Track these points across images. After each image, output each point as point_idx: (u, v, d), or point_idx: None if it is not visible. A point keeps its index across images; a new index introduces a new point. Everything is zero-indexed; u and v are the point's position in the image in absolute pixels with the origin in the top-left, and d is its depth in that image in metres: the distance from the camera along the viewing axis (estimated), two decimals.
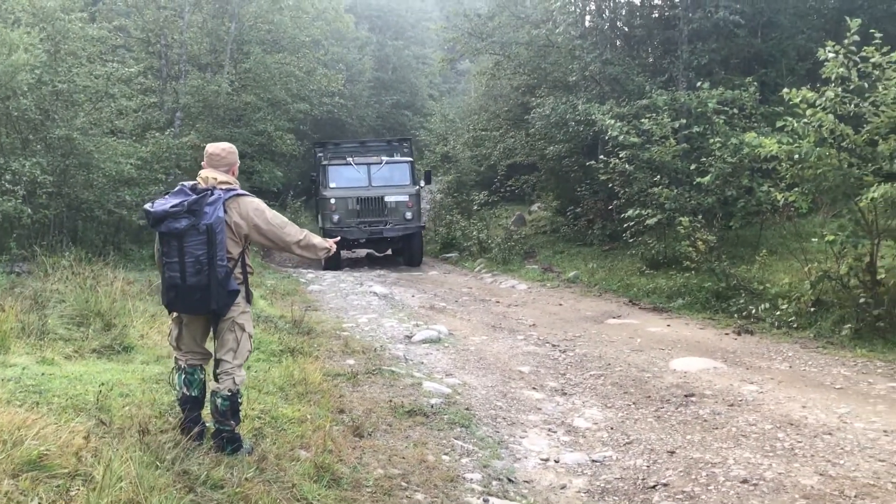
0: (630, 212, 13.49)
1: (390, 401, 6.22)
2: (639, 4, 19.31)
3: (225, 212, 4.27)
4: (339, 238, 5.17)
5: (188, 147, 15.13)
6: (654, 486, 4.71)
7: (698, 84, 14.09)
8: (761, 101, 13.93)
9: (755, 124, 12.88)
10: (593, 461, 5.21)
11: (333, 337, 8.99)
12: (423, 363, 7.96)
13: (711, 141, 12.36)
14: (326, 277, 15.55)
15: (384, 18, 41.23)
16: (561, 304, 12.13)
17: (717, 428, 5.76)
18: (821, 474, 4.75)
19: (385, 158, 18.08)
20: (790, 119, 9.47)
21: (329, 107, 23.83)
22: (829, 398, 6.46)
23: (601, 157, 15.23)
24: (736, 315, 10.14)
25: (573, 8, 19.18)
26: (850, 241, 9.07)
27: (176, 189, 4.37)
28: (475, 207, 22.79)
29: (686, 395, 6.65)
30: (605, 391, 6.98)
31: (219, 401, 4.37)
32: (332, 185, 17.29)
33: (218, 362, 4.44)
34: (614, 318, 10.74)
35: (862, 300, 8.82)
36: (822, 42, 9.43)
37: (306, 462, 4.45)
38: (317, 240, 4.70)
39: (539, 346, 8.96)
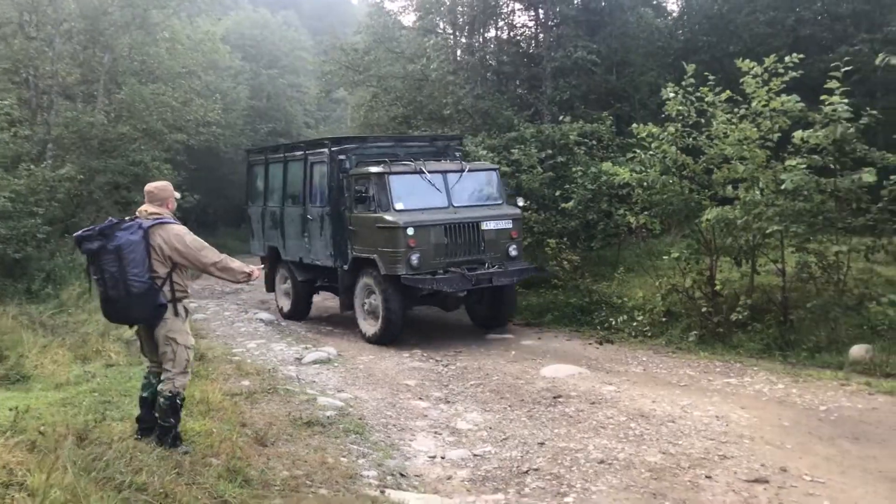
0: None
1: (289, 414, 6.72)
2: (506, 40, 20.59)
3: (148, 236, 5.06)
4: (262, 266, 5.73)
5: (65, 179, 14.94)
6: (526, 472, 5.46)
7: (561, 118, 15.34)
8: (617, 132, 15.29)
9: (612, 154, 14.16)
10: (475, 455, 5.91)
11: (225, 361, 9.31)
12: (315, 381, 8.46)
13: (573, 169, 13.52)
14: (210, 307, 15.64)
15: (258, 47, 41.12)
16: (443, 323, 12.86)
17: (580, 422, 6.61)
18: (663, 453, 5.66)
19: (468, 165, 11.83)
20: (638, 151, 10.66)
21: (206, 136, 23.81)
22: (675, 394, 7.46)
23: None
24: (598, 327, 11.19)
25: (444, 42, 20.24)
26: (693, 257, 10.31)
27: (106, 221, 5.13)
28: None
29: (554, 397, 7.49)
30: (484, 397, 7.72)
31: (161, 400, 5.21)
32: (397, 205, 10.72)
33: (164, 369, 5.21)
34: (492, 333, 11.55)
35: (704, 310, 10.02)
36: (670, 79, 10.68)
37: (218, 467, 4.92)
38: (235, 264, 5.35)
39: (423, 361, 9.63)
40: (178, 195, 5.53)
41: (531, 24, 20.14)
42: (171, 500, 4.16)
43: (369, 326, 11.06)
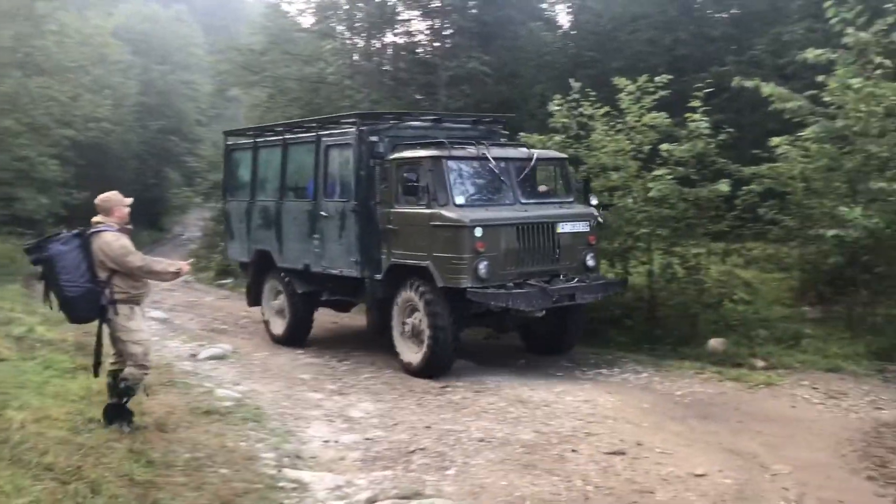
0: None
1: (188, 404, 7.00)
2: (403, 46, 21.11)
3: (88, 244, 5.67)
4: (192, 259, 6.22)
5: None
6: (413, 451, 5.97)
7: None
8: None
9: None
10: (366, 439, 6.38)
11: None
12: (212, 376, 8.71)
13: None
14: None
15: (148, 42, 40.05)
16: (336, 322, 13.19)
17: (465, 408, 7.18)
18: (536, 432, 6.30)
19: (536, 152, 9.68)
20: None
21: (95, 132, 23.24)
22: (552, 382, 8.15)
23: None
24: (490, 325, 11.75)
25: (341, 46, 20.56)
26: None
27: None
28: None
29: (442, 387, 8.04)
30: (376, 389, 8.19)
31: (110, 380, 5.96)
32: (458, 198, 8.68)
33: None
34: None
35: None
36: (558, 91, 11.42)
37: (121, 450, 5.19)
38: (159, 266, 5.88)
39: (318, 357, 10.00)
40: (129, 200, 6.02)
41: (427, 32, 20.75)
42: (80, 477, 4.43)
43: (411, 353, 8.86)
